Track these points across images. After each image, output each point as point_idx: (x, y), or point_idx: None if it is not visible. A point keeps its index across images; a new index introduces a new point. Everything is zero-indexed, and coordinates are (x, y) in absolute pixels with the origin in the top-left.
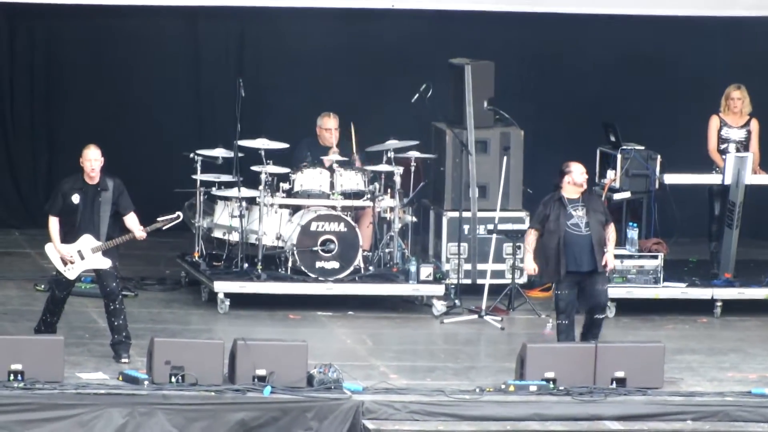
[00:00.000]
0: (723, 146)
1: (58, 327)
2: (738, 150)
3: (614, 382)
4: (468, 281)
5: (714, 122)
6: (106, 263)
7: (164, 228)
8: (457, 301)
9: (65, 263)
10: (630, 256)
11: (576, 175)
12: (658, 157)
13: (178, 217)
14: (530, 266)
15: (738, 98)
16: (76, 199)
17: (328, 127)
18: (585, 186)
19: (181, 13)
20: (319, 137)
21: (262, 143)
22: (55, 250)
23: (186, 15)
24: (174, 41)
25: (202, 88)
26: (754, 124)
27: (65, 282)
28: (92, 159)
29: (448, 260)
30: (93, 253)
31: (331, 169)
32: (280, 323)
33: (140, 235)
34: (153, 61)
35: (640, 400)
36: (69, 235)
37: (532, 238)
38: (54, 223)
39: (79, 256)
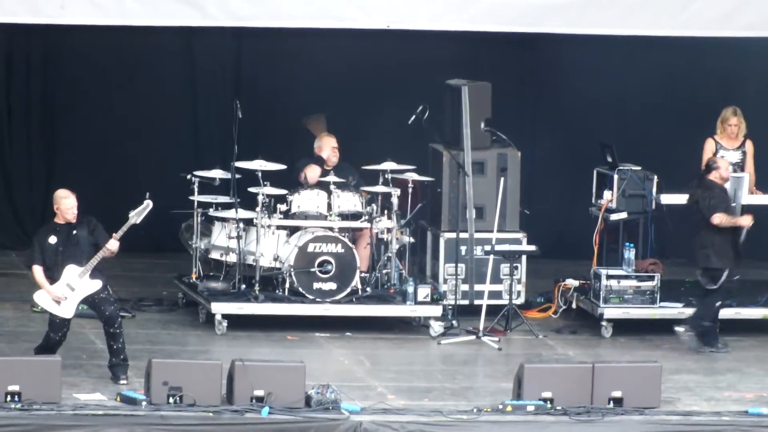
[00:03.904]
0: None
1: None
2: (734, 171)
3: (611, 401)
4: (465, 302)
5: (709, 146)
6: (96, 285)
7: (139, 221)
8: (454, 322)
9: (58, 302)
10: (627, 277)
11: (723, 171)
12: (655, 177)
13: (148, 204)
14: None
15: (735, 124)
16: (53, 240)
17: (333, 146)
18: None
19: (177, 32)
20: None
21: (259, 164)
22: (45, 294)
23: (182, 33)
24: (170, 61)
25: (199, 109)
26: (749, 146)
27: (58, 322)
28: (72, 207)
29: (445, 281)
30: (80, 278)
31: (328, 190)
32: (278, 344)
33: (112, 244)
34: (149, 81)
35: (638, 419)
36: (55, 274)
37: None
38: (38, 271)
39: (69, 289)
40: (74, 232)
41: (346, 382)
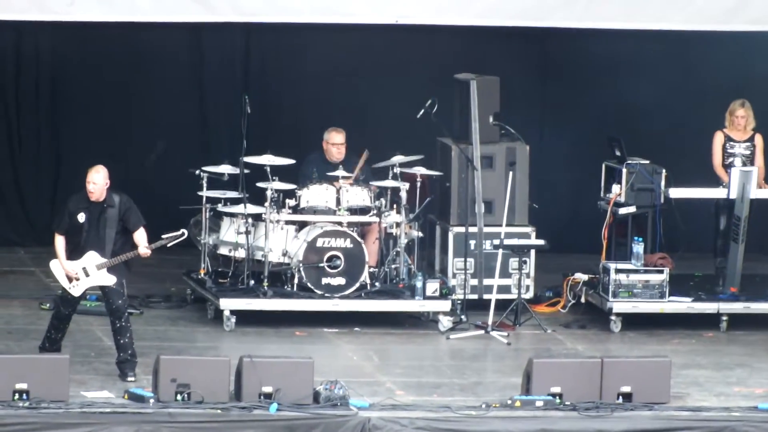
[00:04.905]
0: (729, 161)
1: (63, 345)
2: (744, 164)
3: (621, 396)
4: (474, 296)
5: (718, 138)
6: (111, 280)
7: (169, 245)
8: (463, 317)
9: (70, 280)
10: (635, 271)
11: None
12: (663, 171)
13: (183, 234)
14: None
15: (742, 116)
16: (81, 218)
17: (336, 142)
18: None
19: (185, 28)
20: (326, 152)
21: (267, 159)
22: (60, 266)
23: (190, 29)
24: (178, 57)
25: (207, 105)
26: (759, 139)
27: (70, 299)
28: (90, 182)
29: (454, 275)
30: (98, 269)
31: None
32: (287, 340)
33: (144, 252)
34: (158, 77)
35: (647, 415)
36: (74, 253)
37: None
38: (60, 241)
39: (84, 273)
40: (105, 214)
41: (355, 377)
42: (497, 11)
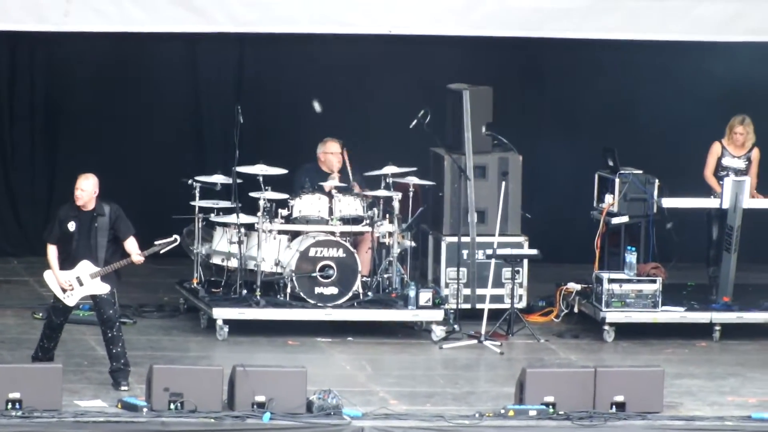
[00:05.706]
0: (723, 173)
1: (56, 355)
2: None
3: (614, 406)
4: (467, 306)
5: (715, 148)
6: (104, 288)
7: (162, 252)
8: (456, 326)
9: (64, 290)
10: (628, 281)
11: None
12: (656, 181)
13: (175, 240)
14: None
15: (741, 133)
16: (72, 226)
17: (334, 150)
18: None
19: (179, 38)
20: (323, 163)
21: (260, 169)
22: (53, 277)
23: (184, 39)
24: (172, 67)
25: (200, 114)
26: (755, 154)
27: (63, 308)
28: (78, 188)
29: (447, 285)
30: (92, 278)
31: (330, 195)
32: (279, 349)
33: (137, 260)
34: (152, 86)
35: (640, 424)
36: (67, 262)
37: None
38: (52, 251)
39: (77, 282)
40: (95, 223)
41: (348, 387)
42: (492, 21)
